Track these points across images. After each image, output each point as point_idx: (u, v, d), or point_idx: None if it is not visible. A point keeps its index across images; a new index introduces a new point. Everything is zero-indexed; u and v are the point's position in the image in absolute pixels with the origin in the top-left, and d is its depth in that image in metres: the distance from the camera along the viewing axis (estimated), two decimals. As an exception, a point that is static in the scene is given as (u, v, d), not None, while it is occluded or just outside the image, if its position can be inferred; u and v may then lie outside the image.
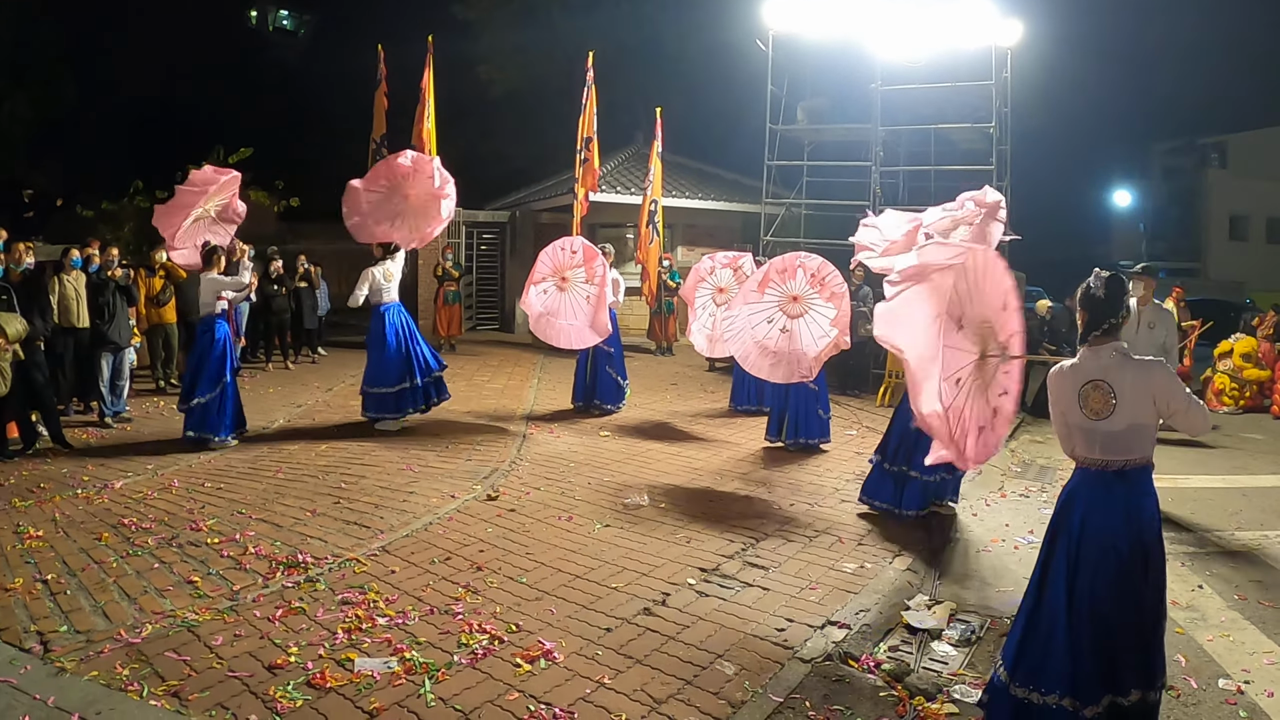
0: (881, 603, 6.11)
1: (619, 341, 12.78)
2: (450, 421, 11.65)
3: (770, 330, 9.89)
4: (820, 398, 10.57)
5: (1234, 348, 15.46)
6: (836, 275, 9.89)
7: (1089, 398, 4.22)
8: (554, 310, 11.81)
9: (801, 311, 9.90)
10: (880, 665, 5.21)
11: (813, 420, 10.60)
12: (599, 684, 4.80)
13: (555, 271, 11.80)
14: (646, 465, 9.75)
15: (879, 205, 18.16)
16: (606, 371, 12.59)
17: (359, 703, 4.54)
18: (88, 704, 4.41)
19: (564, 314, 11.78)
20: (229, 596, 5.86)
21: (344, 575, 6.28)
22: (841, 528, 7.71)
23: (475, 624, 5.49)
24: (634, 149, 25.08)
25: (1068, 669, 4.12)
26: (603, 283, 11.62)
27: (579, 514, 7.88)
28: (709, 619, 5.70)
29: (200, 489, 8.31)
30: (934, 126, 19.47)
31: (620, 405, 12.85)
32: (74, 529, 7.07)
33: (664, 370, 17.40)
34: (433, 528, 7.40)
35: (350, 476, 8.86)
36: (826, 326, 9.80)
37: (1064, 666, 4.13)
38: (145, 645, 5.10)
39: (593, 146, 18.26)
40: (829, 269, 9.90)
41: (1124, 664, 4.12)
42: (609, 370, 12.60)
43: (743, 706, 4.65)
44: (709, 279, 12.38)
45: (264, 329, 16.13)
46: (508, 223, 23.60)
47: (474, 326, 22.85)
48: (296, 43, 34.45)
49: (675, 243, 23.17)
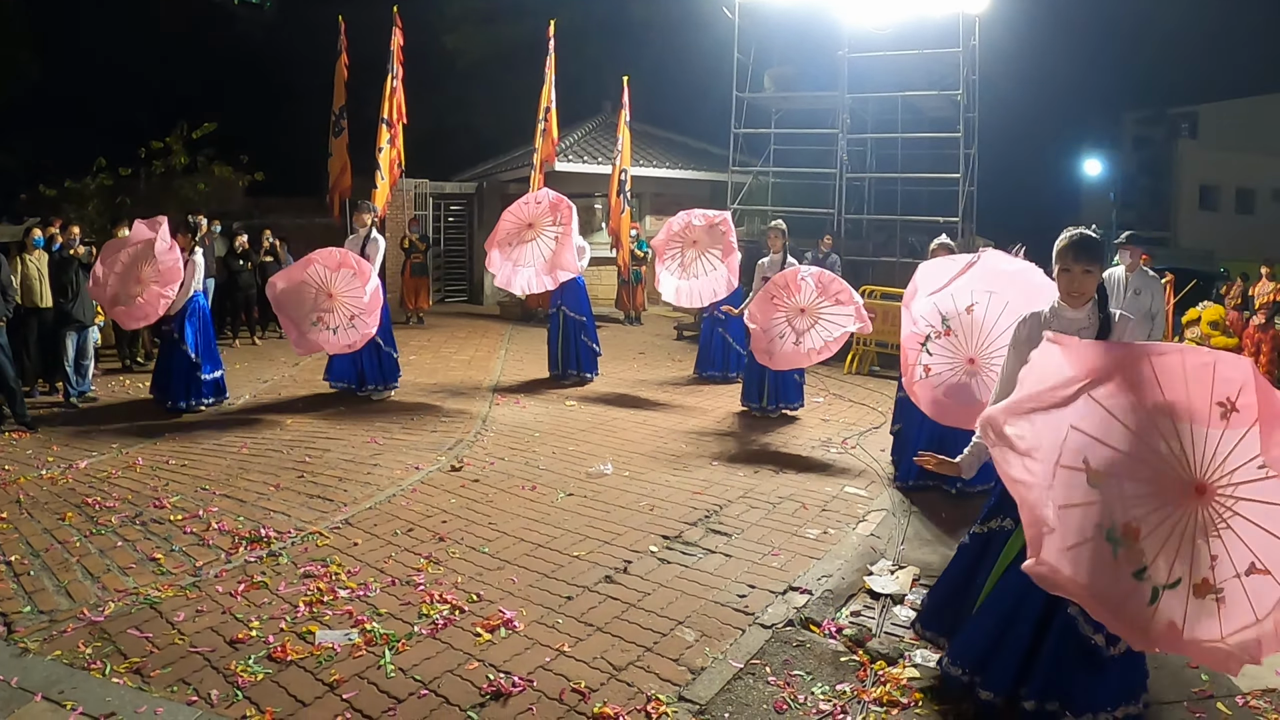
0: (844, 568, 6.15)
1: (589, 309, 12.76)
2: (416, 394, 11.63)
3: (785, 343, 9.85)
4: None
5: (1201, 315, 15.55)
6: (839, 281, 9.85)
7: None
8: (520, 259, 11.80)
9: (811, 324, 9.78)
10: (842, 631, 5.24)
11: (790, 385, 10.67)
12: (559, 652, 4.83)
13: (519, 226, 11.75)
14: (612, 434, 9.77)
15: (846, 171, 18.24)
16: (582, 340, 12.57)
17: (320, 675, 4.55)
18: (50, 684, 4.40)
19: (530, 259, 11.78)
20: (191, 573, 5.86)
21: (306, 549, 6.29)
22: (805, 494, 7.76)
23: (436, 594, 5.51)
24: (601, 118, 25.00)
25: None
26: (568, 222, 11.63)
27: (543, 483, 7.90)
28: (670, 586, 5.74)
29: (164, 466, 8.28)
30: (902, 94, 19.50)
31: (595, 374, 12.88)
32: (38, 509, 7.03)
33: (632, 339, 17.42)
34: (396, 499, 7.41)
35: (315, 450, 8.85)
36: (845, 323, 9.73)
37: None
38: (108, 623, 5.09)
39: (550, 116, 18.21)
40: (829, 276, 9.90)
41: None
42: (584, 339, 12.59)
43: (703, 673, 4.68)
44: (683, 234, 12.36)
45: (230, 305, 16.04)
46: (475, 194, 23.49)
47: (442, 299, 22.79)
48: (262, 16, 34.09)
49: (643, 212, 23.16)
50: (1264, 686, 4.66)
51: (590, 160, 22.21)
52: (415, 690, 4.43)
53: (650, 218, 23.39)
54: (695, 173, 23.76)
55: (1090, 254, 4.13)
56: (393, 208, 19.96)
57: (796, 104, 20.86)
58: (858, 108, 20.01)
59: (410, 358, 14.12)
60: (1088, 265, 4.12)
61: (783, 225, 10.80)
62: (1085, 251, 4.12)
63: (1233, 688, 4.65)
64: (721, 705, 4.39)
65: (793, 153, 20.69)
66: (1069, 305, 4.20)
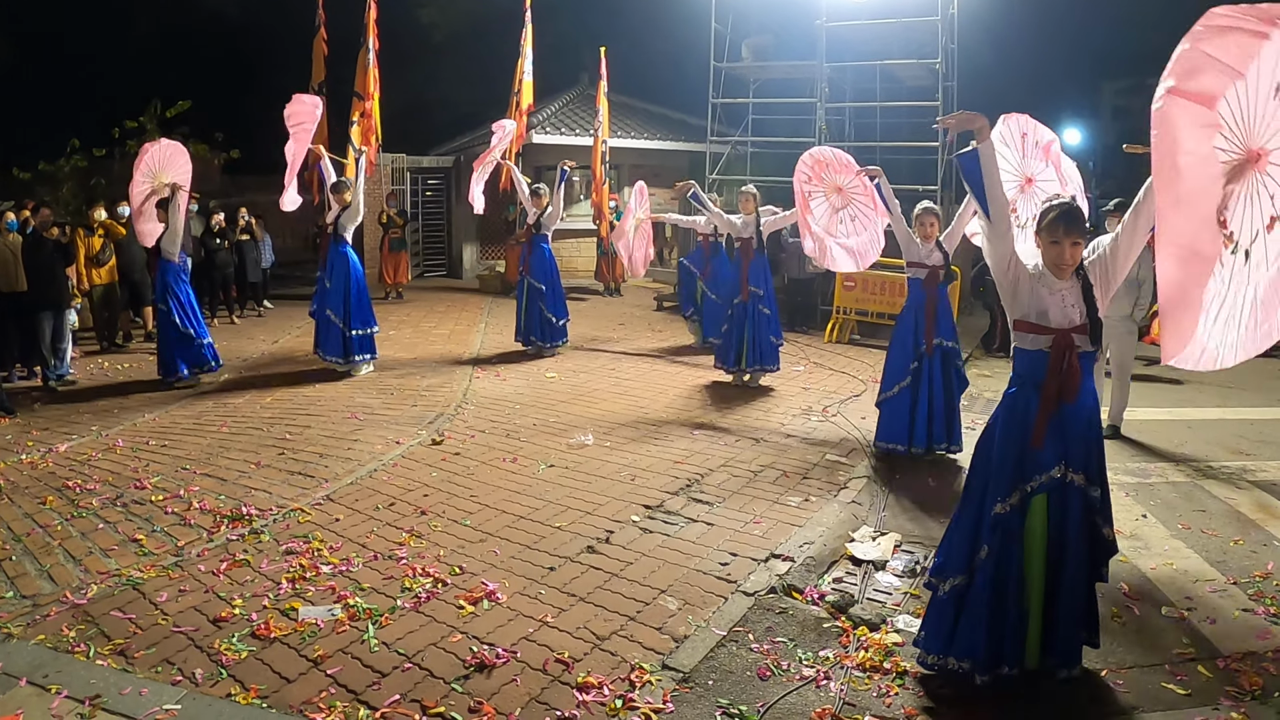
0: (826, 535, 6.18)
1: (553, 278, 12.66)
2: (396, 369, 11.62)
3: (841, 229, 9.03)
4: (773, 324, 10.59)
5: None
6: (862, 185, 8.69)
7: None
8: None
9: (845, 203, 8.95)
10: (824, 597, 5.27)
11: (767, 347, 10.62)
12: (542, 623, 4.85)
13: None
14: (592, 405, 9.79)
15: (824, 142, 18.19)
16: (539, 308, 12.53)
17: (303, 651, 4.57)
18: (35, 668, 4.40)
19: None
20: (174, 553, 5.86)
21: (288, 526, 6.29)
22: (787, 462, 7.79)
23: (419, 568, 5.53)
24: (579, 90, 24.86)
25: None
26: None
27: (524, 455, 7.92)
28: (652, 555, 5.77)
29: (145, 447, 8.25)
30: (880, 63, 19.38)
31: (557, 345, 12.81)
32: (18, 494, 7.00)
33: (612, 311, 17.41)
34: (377, 474, 7.42)
35: (295, 427, 8.84)
36: (868, 214, 8.76)
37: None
38: (91, 606, 5.09)
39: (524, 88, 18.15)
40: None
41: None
42: (540, 307, 12.52)
43: (686, 641, 4.71)
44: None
45: (207, 284, 15.92)
46: (452, 167, 23.35)
47: (421, 274, 22.70)
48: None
49: (622, 183, 23.06)
50: (1245, 649, 4.71)
51: (568, 132, 22.10)
52: (399, 664, 4.45)
53: (629, 189, 23.30)
54: (673, 143, 23.67)
55: (1080, 226, 4.13)
56: (370, 183, 19.84)
57: (774, 73, 20.76)
58: (836, 77, 19.90)
59: (390, 333, 14.09)
60: (1077, 237, 4.12)
61: (754, 190, 10.71)
62: (1075, 223, 4.11)
63: (1214, 650, 4.71)
64: (705, 673, 4.42)
65: (771, 122, 20.59)
66: (1057, 278, 4.18)
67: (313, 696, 4.18)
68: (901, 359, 8.03)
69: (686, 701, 4.19)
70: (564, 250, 22.66)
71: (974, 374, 12.22)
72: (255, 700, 4.16)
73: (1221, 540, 6.31)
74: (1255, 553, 6.08)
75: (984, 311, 15.07)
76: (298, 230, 24.97)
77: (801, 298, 15.10)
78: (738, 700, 4.20)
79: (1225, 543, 6.26)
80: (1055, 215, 4.14)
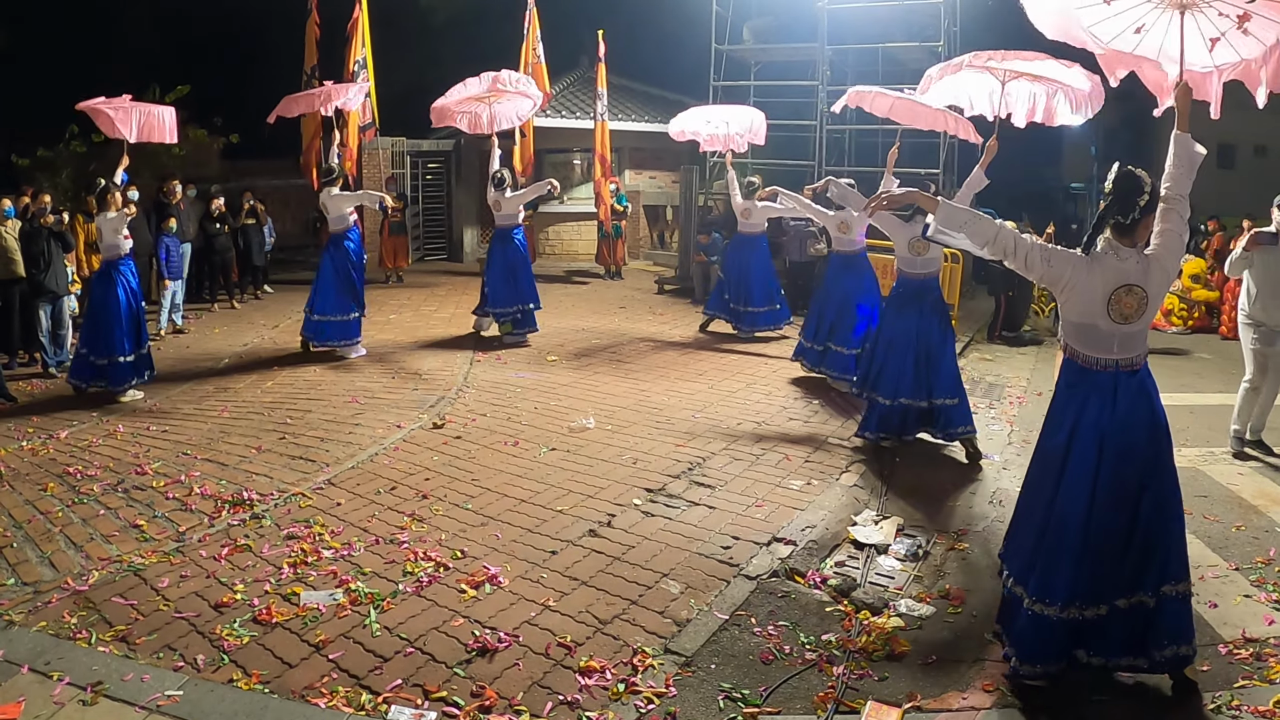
0: (828, 519, 6.19)
1: (522, 259, 12.43)
2: (397, 352, 11.59)
3: None
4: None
5: (1183, 269, 15.57)
6: None
7: (1121, 302, 4.05)
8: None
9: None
10: (826, 581, 5.28)
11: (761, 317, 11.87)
12: (544, 607, 4.85)
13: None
14: (594, 388, 9.76)
15: (826, 124, 18.15)
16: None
17: (305, 636, 4.56)
18: (36, 655, 4.39)
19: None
20: (175, 538, 5.85)
21: (289, 510, 6.29)
22: (788, 445, 7.78)
23: (420, 552, 5.52)
24: (579, 73, 24.72)
25: (1080, 575, 4.08)
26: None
27: (525, 439, 7.90)
28: (654, 539, 5.76)
29: (145, 433, 8.24)
30: (881, 46, 19.33)
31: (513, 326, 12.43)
32: (19, 481, 6.97)
33: (612, 294, 17.36)
34: (378, 458, 7.41)
35: (296, 412, 8.82)
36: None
37: (1073, 573, 4.08)
38: (92, 592, 5.08)
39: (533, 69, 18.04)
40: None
41: (1142, 564, 4.15)
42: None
43: (688, 624, 4.71)
44: None
45: (208, 269, 15.88)
46: (453, 151, 23.25)
47: (421, 257, 22.61)
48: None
49: (622, 166, 22.97)
50: (1245, 635, 4.69)
51: (569, 115, 21.99)
52: (401, 648, 4.45)
53: (630, 172, 23.21)
54: (674, 126, 23.56)
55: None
56: (369, 166, 19.79)
57: (776, 56, 20.67)
58: (837, 59, 19.83)
59: (390, 316, 14.08)
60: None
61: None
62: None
63: (1215, 636, 4.70)
64: (707, 657, 4.42)
65: (772, 105, 20.48)
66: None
67: (315, 681, 4.18)
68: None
69: (689, 685, 4.19)
70: (565, 233, 22.65)
71: (975, 357, 12.24)
72: (257, 685, 4.16)
73: (1223, 526, 6.31)
74: (1257, 539, 6.09)
75: (988, 296, 15.02)
76: (297, 215, 24.90)
77: (802, 281, 15.07)
78: (740, 684, 4.20)
79: (1227, 528, 6.26)
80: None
